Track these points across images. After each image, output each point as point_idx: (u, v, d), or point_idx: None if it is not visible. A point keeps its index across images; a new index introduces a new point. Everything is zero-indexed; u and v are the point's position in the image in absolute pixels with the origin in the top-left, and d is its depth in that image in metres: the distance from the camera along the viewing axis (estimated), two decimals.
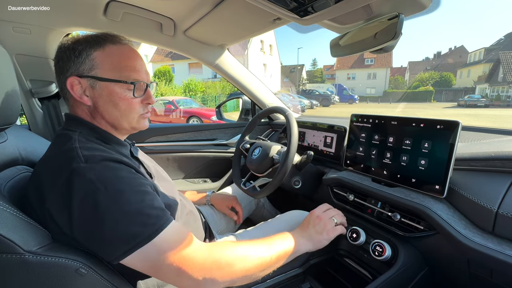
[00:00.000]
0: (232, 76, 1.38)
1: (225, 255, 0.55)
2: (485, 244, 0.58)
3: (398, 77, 46.86)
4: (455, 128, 0.67)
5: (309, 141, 1.28)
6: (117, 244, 0.47)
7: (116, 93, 0.60)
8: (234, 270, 0.54)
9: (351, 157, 0.98)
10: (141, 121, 0.66)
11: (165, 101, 11.02)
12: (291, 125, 0.95)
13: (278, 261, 0.64)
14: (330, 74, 53.22)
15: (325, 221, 0.79)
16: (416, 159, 0.75)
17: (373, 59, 41.01)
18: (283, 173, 0.92)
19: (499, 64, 25.22)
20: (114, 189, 0.49)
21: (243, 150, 1.21)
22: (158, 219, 0.51)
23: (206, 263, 0.52)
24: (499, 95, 25.24)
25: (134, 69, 0.62)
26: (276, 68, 32.51)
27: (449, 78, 39.51)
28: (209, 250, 0.54)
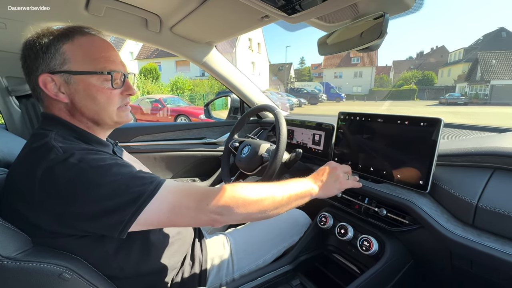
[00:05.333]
0: (220, 74, 1.37)
1: (239, 192, 0.58)
2: (466, 236, 0.61)
3: (383, 75, 48.07)
4: (437, 125, 0.69)
5: (298, 139, 1.29)
6: (124, 208, 0.47)
7: (93, 86, 0.58)
8: (250, 205, 0.58)
9: (338, 154, 1.00)
10: (122, 114, 0.65)
11: (152, 99, 10.79)
12: (280, 123, 0.95)
13: (289, 201, 0.65)
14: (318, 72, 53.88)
15: (340, 172, 0.79)
16: (401, 156, 0.77)
17: (359, 58, 41.80)
18: (272, 171, 0.93)
19: (477, 64, 26.33)
20: (99, 165, 0.49)
21: (232, 149, 1.21)
22: (154, 178, 0.52)
23: (222, 200, 0.54)
24: (477, 93, 26.39)
25: (109, 59, 0.60)
26: (264, 66, 32.51)
27: (431, 77, 40.94)
28: (222, 188, 0.57)
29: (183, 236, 0.77)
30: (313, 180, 0.75)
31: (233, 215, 0.56)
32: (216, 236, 0.90)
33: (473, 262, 0.62)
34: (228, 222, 0.60)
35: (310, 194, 0.71)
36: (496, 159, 0.63)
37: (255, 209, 0.59)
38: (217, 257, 0.82)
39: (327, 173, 0.78)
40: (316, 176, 0.77)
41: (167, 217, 0.52)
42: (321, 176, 0.77)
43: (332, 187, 0.76)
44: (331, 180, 0.76)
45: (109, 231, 0.49)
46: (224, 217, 0.56)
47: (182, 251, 0.76)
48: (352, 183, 0.80)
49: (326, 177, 0.77)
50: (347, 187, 0.79)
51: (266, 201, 0.61)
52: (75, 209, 0.47)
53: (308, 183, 0.73)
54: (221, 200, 0.55)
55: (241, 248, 0.86)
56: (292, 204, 0.67)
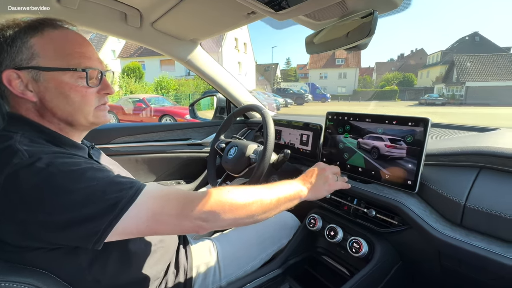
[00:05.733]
0: (205, 73, 1.32)
1: (225, 196, 0.55)
2: (454, 236, 0.60)
3: (366, 76, 49.46)
4: (425, 125, 0.69)
5: (286, 139, 1.27)
6: (99, 217, 0.43)
7: (66, 84, 0.53)
8: (237, 210, 0.55)
9: (327, 154, 0.99)
10: (100, 115, 0.60)
11: (135, 99, 10.49)
12: (267, 124, 0.93)
13: (278, 205, 0.63)
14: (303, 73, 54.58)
15: (329, 174, 0.77)
16: (389, 156, 0.77)
17: (343, 59, 42.73)
18: (260, 173, 0.90)
19: (453, 66, 27.61)
20: (71, 170, 0.45)
21: (219, 150, 1.17)
22: (134, 183, 0.49)
23: (207, 205, 0.52)
24: (454, 94, 27.68)
25: (84, 55, 0.55)
26: (250, 66, 32.51)
27: (411, 78, 42.58)
28: (208, 193, 0.54)
29: (166, 243, 0.73)
30: (302, 182, 0.73)
31: (219, 221, 0.54)
32: (202, 241, 0.86)
33: (462, 261, 0.62)
34: (214, 228, 0.58)
35: (299, 196, 0.70)
36: (481, 158, 0.64)
37: (243, 213, 0.57)
38: (203, 264, 0.79)
39: (316, 174, 0.76)
40: (305, 178, 0.75)
41: (147, 225, 0.48)
42: (310, 178, 0.75)
43: (321, 188, 0.75)
44: (320, 182, 0.75)
45: (83, 242, 0.45)
46: (210, 223, 0.53)
47: (166, 259, 0.72)
48: (341, 184, 0.79)
49: (315, 178, 0.75)
50: (336, 188, 0.77)
51: (254, 205, 0.58)
52: (41, 217, 0.42)
53: (297, 185, 0.72)
54: (206, 205, 0.52)
55: (228, 254, 0.83)
56: (281, 207, 0.65)
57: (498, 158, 0.60)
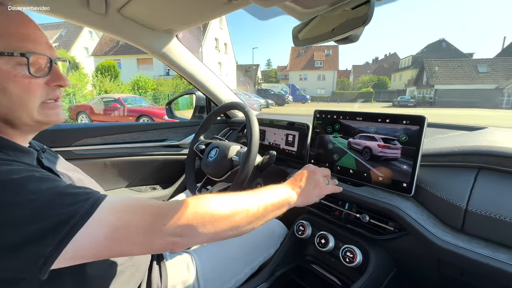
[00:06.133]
0: (183, 68, 1.21)
1: (204, 206, 0.47)
2: (455, 243, 0.56)
3: (344, 79, 51.17)
4: (421, 123, 0.64)
5: (270, 140, 1.20)
6: (43, 237, 0.34)
7: (1, 72, 0.42)
8: (218, 222, 0.47)
9: (314, 155, 0.92)
10: (49, 112, 0.49)
11: (110, 99, 9.97)
12: (251, 123, 0.85)
13: (265, 213, 0.56)
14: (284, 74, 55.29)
15: (319, 177, 0.71)
16: (382, 156, 0.72)
17: (322, 62, 43.84)
18: (244, 176, 0.82)
19: (423, 70, 29.26)
20: (8, 180, 0.36)
21: (198, 152, 1.07)
22: (91, 194, 0.40)
23: (183, 217, 0.43)
24: (424, 96, 29.33)
25: (28, 38, 0.45)
26: (231, 67, 32.34)
27: (385, 81, 44.65)
28: (183, 203, 0.46)
29: (136, 260, 0.63)
30: (291, 187, 0.67)
31: (197, 235, 0.45)
32: (179, 255, 0.76)
33: (464, 270, 0.58)
34: (192, 244, 0.49)
35: (288, 203, 0.63)
36: (480, 158, 0.60)
37: (225, 225, 0.49)
38: (180, 282, 0.69)
39: (305, 178, 0.69)
40: (294, 182, 0.68)
41: (105, 246, 0.38)
42: (299, 182, 0.68)
43: (311, 193, 0.68)
44: (310, 186, 0.68)
45: (22, 270, 0.35)
46: (187, 239, 0.45)
47: (136, 280, 0.62)
48: (332, 188, 0.73)
49: (305, 182, 0.68)
50: (327, 193, 0.71)
51: (238, 216, 0.51)
52: None
53: (286, 190, 0.64)
54: (182, 218, 0.43)
55: (209, 269, 0.74)
56: (268, 216, 0.58)
57: (499, 158, 0.56)
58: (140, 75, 16.76)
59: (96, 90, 15.15)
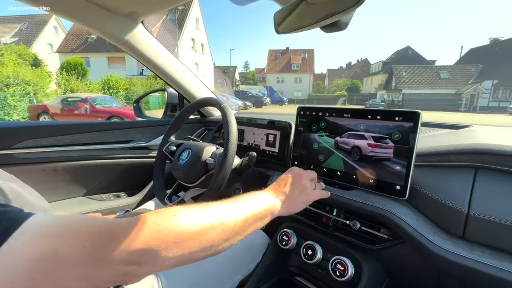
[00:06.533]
0: (151, 60, 1.08)
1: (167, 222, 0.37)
2: (457, 252, 0.50)
3: (320, 82, 52.77)
4: (415, 119, 0.59)
5: (249, 140, 1.10)
6: None
7: None
8: (186, 242, 0.37)
9: (298, 156, 0.85)
10: None
11: (77, 98, 9.29)
12: (228, 120, 0.75)
13: (245, 227, 0.48)
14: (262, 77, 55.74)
15: (305, 181, 0.63)
16: (373, 156, 0.65)
17: (298, 65, 44.81)
18: (220, 181, 0.71)
19: (392, 75, 31.03)
20: None
21: (168, 154, 0.94)
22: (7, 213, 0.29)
23: (139, 239, 0.33)
24: (393, 100, 31.05)
25: None
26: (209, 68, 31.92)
27: (358, 84, 46.77)
28: (140, 220, 0.36)
29: None
30: (274, 193, 0.58)
31: (159, 261, 0.35)
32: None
33: (467, 282, 0.52)
34: (152, 272, 0.38)
35: (271, 212, 0.54)
36: (476, 157, 0.55)
37: (196, 246, 0.39)
38: None
39: (290, 183, 0.61)
40: (277, 188, 0.60)
41: (29, 280, 0.27)
42: (283, 187, 0.60)
43: (297, 200, 0.60)
44: (296, 192, 0.60)
45: None
46: (145, 267, 0.34)
47: None
48: (320, 193, 0.65)
49: (290, 188, 0.60)
50: (315, 198, 0.63)
51: (212, 232, 0.41)
52: None
53: (268, 197, 0.56)
54: (137, 240, 0.33)
55: None
56: (248, 230, 0.49)
57: (498, 157, 0.52)
58: (111, 74, 15.87)
59: (61, 89, 14.08)
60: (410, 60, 37.91)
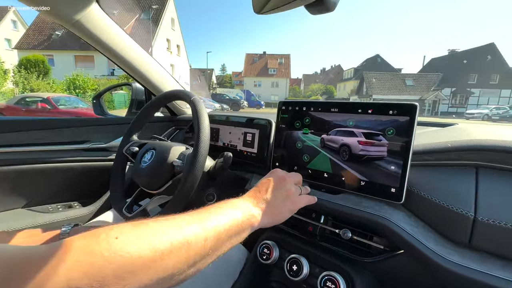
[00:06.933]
0: (109, 47, 0.93)
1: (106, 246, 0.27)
2: (465, 264, 0.43)
3: (295, 87, 54.10)
4: (412, 112, 0.52)
5: (225, 140, 0.99)
6: None
7: None
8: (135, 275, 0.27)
9: (279, 157, 0.75)
10: None
11: (37, 98, 8.51)
12: (199, 114, 0.64)
13: (217, 246, 0.38)
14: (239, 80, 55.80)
15: (290, 186, 0.53)
16: (365, 155, 0.58)
17: (275, 69, 45.58)
18: (189, 187, 0.60)
19: (363, 81, 32.64)
20: None
21: (129, 156, 0.80)
22: None
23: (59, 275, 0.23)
24: None
25: None
26: (185, 70, 31.27)
27: (332, 90, 48.59)
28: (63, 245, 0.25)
29: None
30: (254, 201, 0.48)
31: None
32: None
33: None
34: None
35: (250, 225, 0.44)
36: (477, 155, 0.50)
37: (148, 278, 0.29)
38: None
39: (272, 188, 0.52)
40: (257, 194, 0.50)
41: None
42: (264, 193, 0.50)
43: (281, 208, 0.50)
44: (280, 198, 0.51)
45: None
46: None
47: None
48: (306, 199, 0.56)
49: (272, 194, 0.51)
50: (302, 205, 0.54)
51: (172, 257, 0.31)
52: None
53: (246, 206, 0.46)
54: (56, 279, 0.21)
55: None
56: (221, 249, 0.39)
57: (502, 154, 0.46)
58: (77, 74, 14.85)
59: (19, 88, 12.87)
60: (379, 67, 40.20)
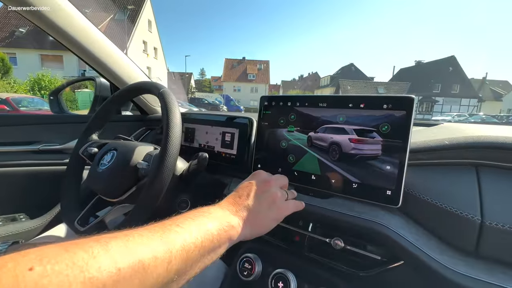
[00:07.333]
0: (70, 35, 0.80)
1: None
2: (475, 276, 0.38)
3: (275, 92, 54.92)
4: (408, 106, 0.47)
5: (201, 141, 0.90)
6: None
7: None
8: None
9: (261, 158, 0.68)
10: None
11: None
12: (169, 108, 0.54)
13: (185, 269, 0.30)
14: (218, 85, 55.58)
15: (275, 190, 0.46)
16: (357, 155, 0.52)
17: (254, 75, 46.01)
18: (155, 192, 0.50)
19: (339, 88, 33.93)
20: None
21: (86, 158, 0.68)
22: None
23: None
24: None
25: None
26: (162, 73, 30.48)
27: None
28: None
29: None
30: (232, 209, 0.40)
31: None
32: None
33: None
34: None
35: (228, 238, 0.37)
36: (475, 153, 0.46)
37: None
38: None
39: (254, 193, 0.44)
40: (237, 201, 0.42)
41: None
42: (246, 199, 0.43)
43: (265, 217, 0.43)
44: (264, 205, 0.43)
45: None
46: None
47: None
48: (294, 205, 0.49)
49: (254, 200, 0.43)
50: (288, 212, 0.47)
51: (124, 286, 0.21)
52: None
53: (223, 215, 0.38)
54: None
55: None
56: (191, 271, 0.31)
57: (504, 152, 0.42)
58: (43, 74, 13.83)
59: None
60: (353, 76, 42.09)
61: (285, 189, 0.52)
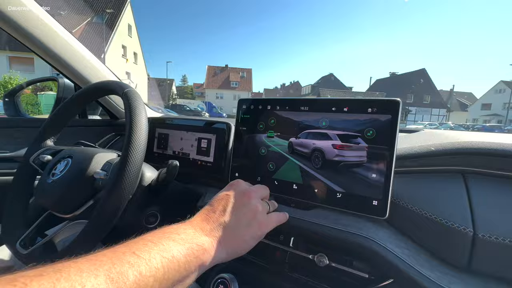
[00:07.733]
0: (27, 32, 0.71)
1: None
2: None
3: None
4: (394, 109, 0.44)
5: (175, 148, 0.83)
6: None
7: None
8: None
9: (239, 166, 0.62)
10: None
11: None
12: (132, 109, 0.48)
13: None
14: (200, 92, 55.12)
15: (256, 202, 0.40)
16: (341, 162, 0.48)
17: (237, 82, 46.22)
18: (113, 207, 0.43)
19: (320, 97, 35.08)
20: None
21: (37, 166, 0.59)
22: None
23: None
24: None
25: None
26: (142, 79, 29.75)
27: None
28: None
29: None
30: (205, 227, 0.35)
31: None
32: None
33: None
34: None
35: (199, 264, 0.31)
36: (461, 159, 0.43)
37: None
38: None
39: (232, 206, 0.39)
40: (211, 216, 0.37)
41: None
42: (222, 215, 0.37)
43: (245, 235, 0.37)
44: (243, 222, 0.38)
45: None
46: None
47: None
48: (276, 219, 0.44)
49: (231, 215, 0.37)
50: (271, 228, 0.41)
51: None
52: None
53: (193, 236, 0.33)
54: None
55: None
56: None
57: (490, 158, 0.40)
58: (10, 76, 12.94)
59: None
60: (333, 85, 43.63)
61: (266, 200, 0.47)
